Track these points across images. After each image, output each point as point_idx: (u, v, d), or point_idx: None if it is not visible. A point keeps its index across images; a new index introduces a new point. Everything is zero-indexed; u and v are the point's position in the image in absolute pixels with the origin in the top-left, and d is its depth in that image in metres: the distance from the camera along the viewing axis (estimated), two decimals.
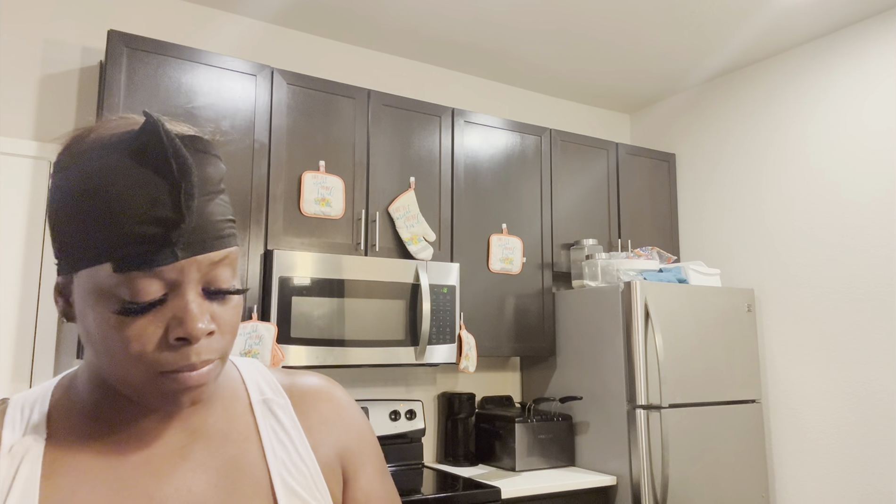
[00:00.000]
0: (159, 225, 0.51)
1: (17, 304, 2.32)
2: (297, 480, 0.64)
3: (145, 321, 0.53)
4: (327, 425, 0.70)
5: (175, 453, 0.60)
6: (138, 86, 2.30)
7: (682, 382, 2.78)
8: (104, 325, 0.53)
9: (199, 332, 0.53)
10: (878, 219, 2.81)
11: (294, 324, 2.38)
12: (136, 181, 0.51)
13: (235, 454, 0.63)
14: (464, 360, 2.75)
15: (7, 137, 2.36)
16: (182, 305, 0.53)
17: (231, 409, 0.65)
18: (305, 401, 0.70)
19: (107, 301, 0.53)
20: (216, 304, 0.56)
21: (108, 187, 0.51)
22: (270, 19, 2.94)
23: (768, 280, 3.20)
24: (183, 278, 0.53)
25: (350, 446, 0.71)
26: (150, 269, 0.51)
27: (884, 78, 2.84)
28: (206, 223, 0.54)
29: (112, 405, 0.60)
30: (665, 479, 2.62)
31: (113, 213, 0.51)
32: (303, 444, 0.67)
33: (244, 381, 0.69)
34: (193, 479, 0.60)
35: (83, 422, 0.59)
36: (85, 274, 0.53)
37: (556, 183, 3.23)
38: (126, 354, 0.53)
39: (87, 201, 0.52)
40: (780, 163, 3.22)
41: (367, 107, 2.76)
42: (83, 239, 0.52)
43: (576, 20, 2.95)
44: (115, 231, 0.51)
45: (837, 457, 2.85)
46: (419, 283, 2.64)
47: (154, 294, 0.52)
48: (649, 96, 3.83)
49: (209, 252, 0.54)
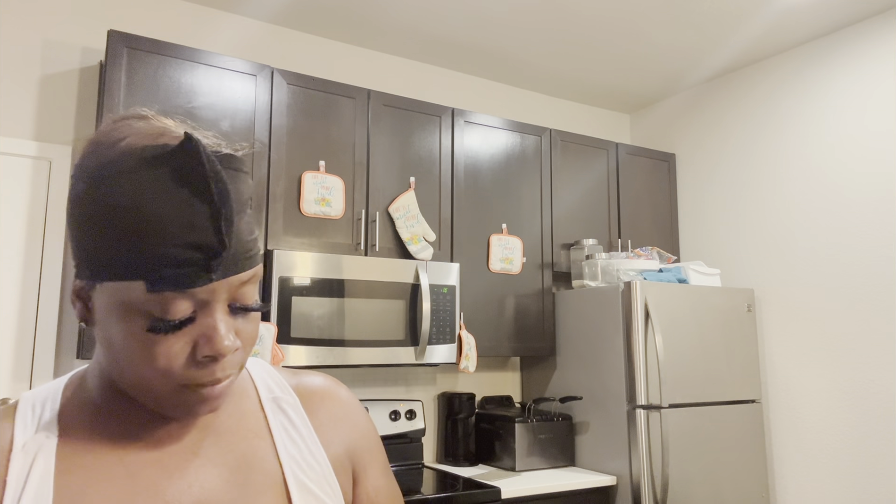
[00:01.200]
0: (198, 250, 0.51)
1: (17, 305, 2.32)
2: (308, 477, 0.65)
3: (174, 338, 0.53)
4: (336, 423, 0.71)
5: (186, 450, 0.61)
6: (138, 86, 2.30)
7: (682, 382, 2.78)
8: (131, 339, 0.53)
9: (227, 351, 0.54)
10: (878, 219, 2.81)
11: (294, 324, 2.38)
12: (174, 202, 0.51)
13: (247, 450, 0.63)
14: (464, 360, 2.75)
15: (7, 137, 2.36)
16: (211, 324, 0.54)
17: (241, 407, 0.66)
18: (313, 400, 0.71)
19: (135, 317, 0.53)
20: (240, 319, 0.57)
21: (144, 206, 0.50)
22: (270, 19, 2.94)
23: (768, 280, 3.20)
24: (213, 298, 0.54)
25: (358, 444, 0.72)
26: (187, 288, 0.51)
27: (884, 78, 2.84)
28: (238, 244, 0.55)
29: (123, 404, 0.60)
30: (665, 479, 2.62)
31: (149, 234, 0.50)
32: (313, 442, 0.68)
33: (253, 380, 0.70)
34: (205, 474, 0.60)
35: (95, 419, 0.59)
36: (112, 286, 0.53)
37: (556, 183, 3.23)
38: (151, 369, 0.54)
39: (119, 217, 0.51)
40: (780, 163, 3.22)
41: (367, 107, 2.76)
42: (112, 253, 0.51)
43: (576, 20, 2.95)
44: (150, 252, 0.51)
45: (837, 457, 2.85)
46: (419, 283, 2.64)
47: (184, 313, 0.53)
48: (649, 96, 3.83)
49: (240, 273, 0.55)
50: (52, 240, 2.39)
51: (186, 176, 0.51)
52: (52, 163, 2.42)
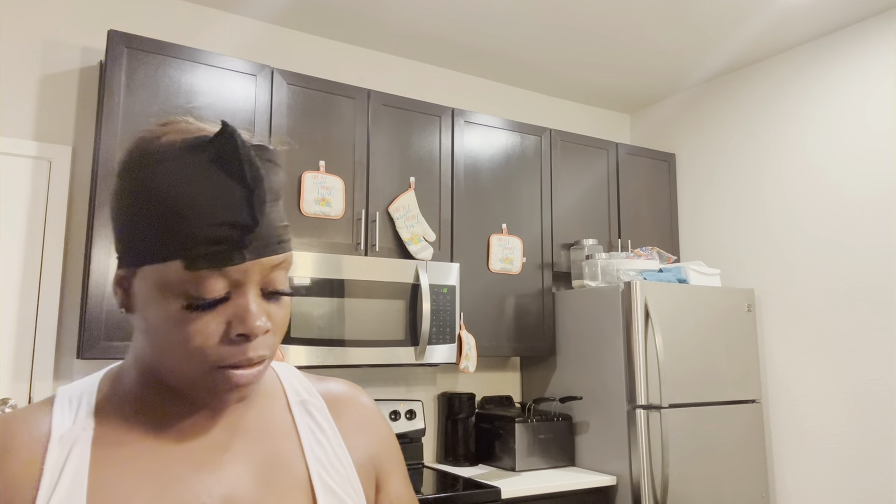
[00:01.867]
0: (233, 228, 0.55)
1: (17, 304, 2.32)
2: (333, 479, 0.67)
3: (209, 318, 0.56)
4: (360, 430, 0.74)
5: (216, 447, 0.62)
6: (138, 86, 2.30)
7: (682, 382, 2.78)
8: (168, 319, 0.56)
9: (259, 330, 0.57)
10: (879, 219, 2.81)
11: (294, 324, 2.38)
12: (211, 185, 0.55)
13: (274, 450, 0.65)
14: (464, 360, 2.74)
15: (7, 137, 2.36)
16: (244, 304, 0.57)
17: (270, 408, 0.69)
18: (339, 405, 0.74)
19: (173, 296, 0.55)
20: (271, 304, 0.60)
21: (183, 189, 0.54)
22: (270, 19, 2.94)
23: (768, 280, 3.20)
24: (246, 279, 0.57)
25: (381, 452, 0.75)
26: (221, 268, 0.55)
27: (884, 78, 2.84)
28: (270, 228, 0.58)
29: (158, 399, 0.62)
30: (665, 479, 2.62)
31: (187, 215, 0.54)
32: (339, 445, 0.70)
33: (282, 383, 0.72)
34: (234, 471, 0.62)
35: (129, 414, 0.61)
36: (151, 269, 0.56)
37: (556, 183, 3.23)
38: (186, 348, 0.56)
39: (159, 200, 0.55)
40: (780, 163, 3.22)
41: (367, 107, 2.76)
42: (153, 237, 0.55)
43: (576, 20, 2.95)
44: (187, 231, 0.54)
45: (837, 457, 2.85)
46: (419, 283, 2.64)
47: (219, 292, 0.56)
48: (649, 96, 3.83)
49: (272, 255, 0.58)
50: (52, 240, 2.39)
51: (222, 160, 0.55)
52: (52, 163, 2.42)
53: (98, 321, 2.14)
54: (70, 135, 2.48)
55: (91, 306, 2.14)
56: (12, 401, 2.27)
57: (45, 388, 2.33)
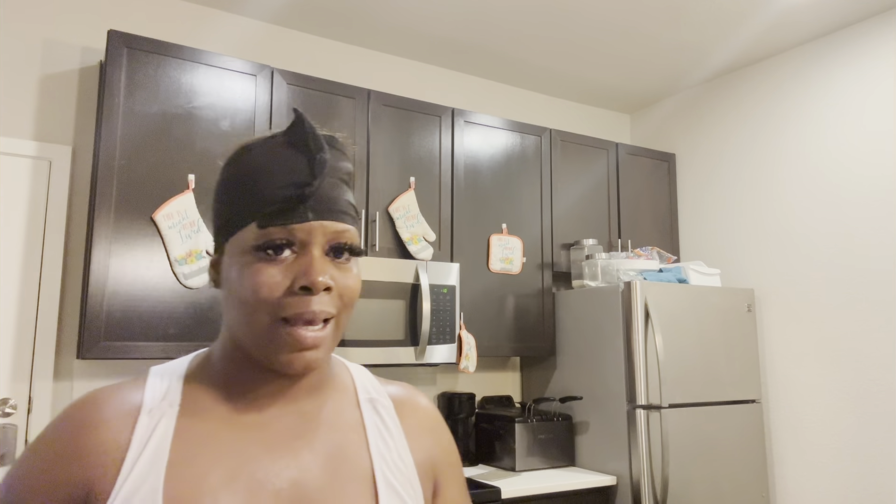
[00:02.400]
0: (296, 188, 0.63)
1: (17, 305, 2.32)
2: (395, 476, 0.70)
3: (275, 270, 0.62)
4: (423, 434, 0.77)
5: (289, 433, 0.67)
6: (138, 86, 2.30)
7: (682, 382, 2.78)
8: (241, 274, 0.63)
9: (320, 284, 0.62)
10: (878, 219, 2.81)
11: None
12: (281, 157, 0.64)
13: (342, 442, 0.69)
14: (464, 360, 2.74)
15: (7, 137, 2.36)
16: (307, 261, 0.63)
17: (341, 402, 0.73)
18: (405, 407, 0.77)
19: (247, 254, 0.63)
20: (336, 268, 0.65)
21: (260, 164, 0.64)
22: (270, 19, 2.94)
23: (768, 280, 3.20)
24: (310, 239, 0.63)
25: (441, 458, 0.77)
26: (287, 224, 0.62)
27: (884, 78, 2.84)
28: (333, 198, 0.65)
29: (240, 383, 0.67)
30: (665, 479, 2.62)
31: (260, 183, 0.63)
32: (402, 445, 0.73)
33: (353, 380, 0.77)
34: (303, 458, 0.66)
35: (212, 395, 0.67)
36: (233, 240, 0.65)
37: (556, 183, 3.23)
38: (256, 298, 0.62)
39: (243, 178, 0.65)
40: (780, 163, 3.22)
41: (367, 107, 2.76)
42: (236, 209, 0.64)
43: (576, 20, 2.95)
44: (260, 195, 0.63)
45: (837, 457, 2.85)
46: (419, 283, 2.64)
47: (284, 246, 0.63)
48: (649, 96, 3.83)
49: (333, 221, 0.64)
50: (52, 240, 2.39)
51: (292, 138, 0.65)
52: (52, 163, 2.42)
53: (98, 321, 2.14)
54: (70, 135, 2.48)
55: (91, 306, 2.13)
56: (12, 400, 2.27)
57: (45, 388, 2.33)
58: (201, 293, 2.31)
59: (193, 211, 2.32)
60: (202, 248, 2.31)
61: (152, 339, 2.22)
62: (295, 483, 0.64)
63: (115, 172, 2.23)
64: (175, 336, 2.26)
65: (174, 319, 2.26)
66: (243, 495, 0.62)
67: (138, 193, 2.26)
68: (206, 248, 2.32)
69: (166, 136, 2.33)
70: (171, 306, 2.26)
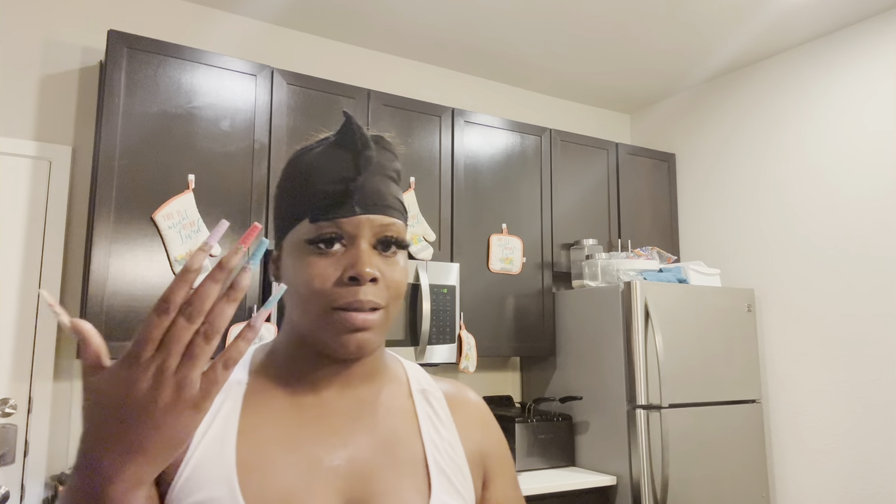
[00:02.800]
0: (342, 183, 0.68)
1: (17, 305, 2.32)
2: (446, 463, 0.73)
3: (326, 263, 0.67)
4: (474, 426, 0.80)
5: (347, 415, 0.71)
6: (138, 86, 2.30)
7: (682, 382, 2.78)
8: (297, 267, 0.68)
9: (366, 275, 0.66)
10: (878, 219, 2.81)
11: None
12: (331, 156, 0.70)
13: (396, 427, 0.73)
14: (464, 360, 2.75)
15: (7, 137, 2.36)
16: (355, 253, 0.67)
17: (395, 391, 0.77)
18: (457, 400, 0.81)
19: (302, 248, 0.68)
20: (383, 261, 0.69)
21: (313, 164, 0.70)
22: (270, 19, 2.94)
23: (768, 280, 3.20)
24: (358, 233, 0.68)
25: (492, 451, 0.80)
26: (335, 219, 0.67)
27: (884, 78, 2.84)
28: (379, 193, 0.69)
29: (300, 367, 0.72)
30: (665, 479, 2.62)
31: (312, 180, 0.69)
32: (453, 435, 0.76)
33: (406, 372, 0.81)
34: (359, 438, 0.70)
35: (275, 377, 0.72)
36: (290, 237, 0.70)
37: (556, 183, 3.23)
38: (310, 289, 0.67)
39: (297, 178, 0.71)
40: (780, 162, 3.22)
41: (367, 107, 2.76)
42: (291, 206, 0.70)
43: (576, 20, 2.95)
44: (311, 192, 0.68)
45: (837, 457, 2.85)
46: (419, 283, 2.64)
47: (334, 240, 0.68)
48: (649, 96, 3.83)
49: (379, 215, 0.69)
50: (52, 240, 2.39)
51: (341, 138, 0.70)
52: (52, 163, 2.42)
53: (98, 321, 2.14)
54: (70, 135, 2.48)
55: (91, 306, 2.13)
56: (12, 400, 2.27)
57: (45, 388, 2.33)
58: None
59: (193, 211, 2.32)
60: None
61: None
62: (351, 461, 0.68)
63: (115, 172, 2.23)
64: None
65: None
66: (304, 467, 0.66)
67: (138, 193, 2.26)
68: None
69: (166, 136, 2.33)
70: None
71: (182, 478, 0.63)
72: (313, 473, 0.66)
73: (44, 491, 2.28)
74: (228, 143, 2.44)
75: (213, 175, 2.39)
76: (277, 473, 0.65)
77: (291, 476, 0.65)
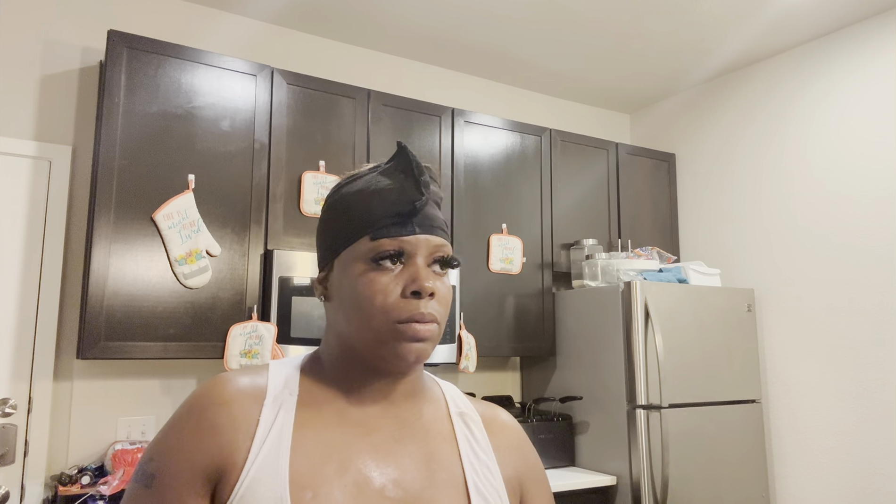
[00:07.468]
0: (406, 204, 0.71)
1: (17, 304, 2.32)
2: (485, 486, 0.74)
3: (388, 279, 0.70)
4: (511, 450, 0.81)
5: (391, 437, 0.73)
6: (138, 86, 2.30)
7: (682, 382, 2.78)
8: (358, 284, 0.70)
9: (427, 289, 0.70)
10: (878, 219, 2.81)
11: (294, 324, 2.38)
12: (392, 181, 0.73)
13: (436, 450, 0.74)
14: (464, 360, 2.74)
15: (7, 137, 2.36)
16: (415, 269, 0.71)
17: (434, 413, 0.78)
18: (494, 424, 0.82)
19: (362, 264, 0.71)
20: (437, 281, 0.73)
21: (369, 186, 0.73)
22: (270, 19, 2.94)
23: (768, 280, 3.20)
24: (416, 251, 0.72)
25: (528, 475, 0.82)
26: (398, 237, 0.70)
27: (884, 78, 2.84)
28: (433, 216, 0.75)
29: (348, 381, 0.74)
30: (665, 479, 2.62)
31: (372, 203, 0.72)
32: (491, 458, 0.78)
33: (444, 394, 0.83)
34: (403, 459, 0.72)
35: (324, 390, 0.73)
36: (345, 253, 0.73)
37: (556, 183, 3.23)
38: (373, 304, 0.69)
39: (353, 200, 0.73)
40: (780, 162, 3.22)
41: (367, 107, 2.76)
42: (347, 227, 0.72)
43: (576, 20, 2.95)
44: (373, 212, 0.71)
45: (837, 457, 2.85)
46: None
47: (396, 256, 0.71)
48: (649, 96, 3.83)
49: (434, 236, 0.74)
50: (51, 240, 2.39)
51: (399, 165, 0.74)
52: (52, 163, 2.42)
53: (98, 321, 2.14)
54: (70, 135, 2.48)
55: (91, 306, 2.13)
56: (12, 400, 2.27)
57: (45, 388, 2.33)
58: (201, 293, 2.31)
59: (193, 211, 2.32)
60: (202, 248, 2.31)
61: (152, 339, 2.22)
62: (397, 483, 0.70)
63: (115, 172, 2.23)
64: (175, 336, 2.26)
65: (174, 319, 2.26)
66: (352, 488, 0.67)
67: (138, 193, 2.26)
68: (206, 248, 2.32)
69: (166, 136, 2.33)
70: (171, 306, 2.26)
71: (238, 496, 0.64)
72: (361, 495, 0.67)
73: (44, 491, 2.28)
74: (228, 143, 2.44)
75: (213, 175, 2.39)
76: (329, 494, 0.66)
77: (340, 497, 0.66)
